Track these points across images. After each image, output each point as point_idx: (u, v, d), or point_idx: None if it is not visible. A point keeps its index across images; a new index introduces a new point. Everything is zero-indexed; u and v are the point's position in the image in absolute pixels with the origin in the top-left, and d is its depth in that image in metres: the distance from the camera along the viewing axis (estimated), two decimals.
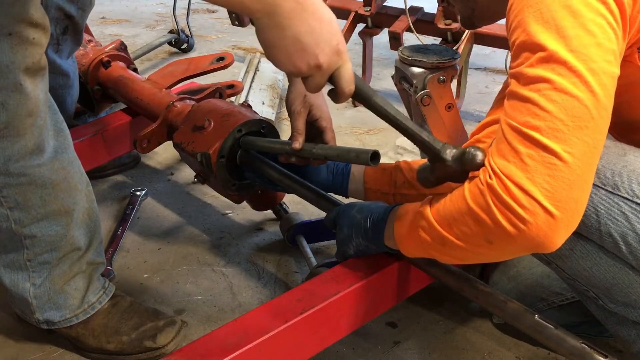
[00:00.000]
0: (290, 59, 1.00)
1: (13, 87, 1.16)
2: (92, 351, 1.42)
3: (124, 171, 2.15)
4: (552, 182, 0.93)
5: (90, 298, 1.41)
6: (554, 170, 0.93)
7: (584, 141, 0.93)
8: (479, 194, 0.98)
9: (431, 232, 1.08)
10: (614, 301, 1.17)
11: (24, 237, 1.30)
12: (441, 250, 1.09)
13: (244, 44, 3.29)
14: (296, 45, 0.99)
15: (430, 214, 1.08)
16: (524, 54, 0.97)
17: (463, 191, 1.02)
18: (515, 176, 0.94)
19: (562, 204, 0.94)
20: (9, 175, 1.22)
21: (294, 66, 1.01)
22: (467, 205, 1.00)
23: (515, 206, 0.94)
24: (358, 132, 2.43)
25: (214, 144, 1.49)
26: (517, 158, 0.95)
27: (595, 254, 1.13)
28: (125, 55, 2.03)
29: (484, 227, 0.99)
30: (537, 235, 0.95)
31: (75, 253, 1.36)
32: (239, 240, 1.82)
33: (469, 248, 1.05)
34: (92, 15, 3.50)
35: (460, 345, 1.46)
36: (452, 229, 1.04)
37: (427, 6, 2.50)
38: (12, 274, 1.34)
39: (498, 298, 1.17)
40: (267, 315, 1.18)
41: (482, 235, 1.00)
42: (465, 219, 1.01)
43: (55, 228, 1.31)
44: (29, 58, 1.16)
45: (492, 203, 0.96)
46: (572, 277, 1.19)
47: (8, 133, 1.18)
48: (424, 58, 1.52)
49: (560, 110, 0.93)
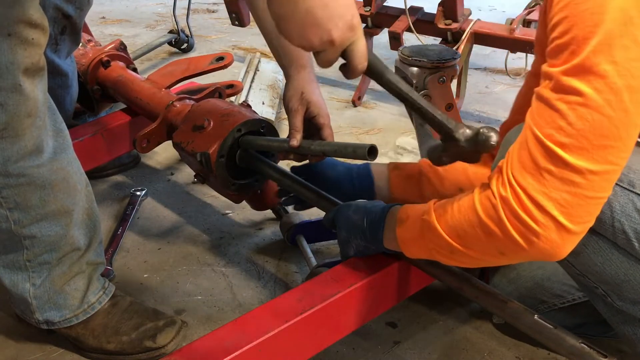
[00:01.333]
0: (303, 33, 0.96)
1: (12, 88, 1.15)
2: (92, 351, 1.42)
3: (124, 171, 2.15)
4: (569, 198, 0.92)
5: (90, 298, 1.41)
6: (573, 186, 0.92)
7: (608, 160, 0.91)
8: (491, 207, 0.98)
9: (439, 242, 1.08)
10: (623, 298, 1.16)
11: (23, 237, 1.29)
12: (449, 256, 1.09)
13: (244, 44, 3.29)
14: (309, 18, 0.94)
15: (437, 224, 1.08)
16: (562, 55, 0.92)
17: (473, 202, 1.01)
18: (531, 189, 0.93)
19: (577, 218, 0.93)
20: (8, 176, 1.22)
21: (306, 40, 0.97)
22: (478, 217, 1.00)
23: (529, 220, 0.94)
24: (358, 132, 2.43)
25: (214, 144, 1.49)
26: (536, 171, 0.94)
27: (607, 250, 1.12)
28: (125, 55, 2.03)
29: (496, 239, 0.98)
30: (550, 247, 0.95)
31: (75, 253, 1.36)
32: (239, 240, 1.82)
33: (478, 257, 1.05)
34: (92, 15, 3.52)
35: (460, 345, 1.46)
36: (462, 239, 1.04)
37: (427, 6, 2.50)
38: (11, 274, 1.34)
39: (498, 298, 1.17)
40: (267, 315, 1.18)
41: (493, 247, 1.00)
42: (476, 231, 1.01)
43: (55, 228, 1.31)
44: (29, 58, 1.16)
45: (505, 216, 0.96)
46: (583, 273, 1.18)
47: (7, 134, 1.18)
48: (424, 58, 1.52)
49: (589, 129, 0.90)
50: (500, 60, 2.73)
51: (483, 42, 2.43)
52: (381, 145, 2.32)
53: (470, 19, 2.39)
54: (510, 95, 2.74)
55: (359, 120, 2.52)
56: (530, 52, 2.36)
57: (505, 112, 2.55)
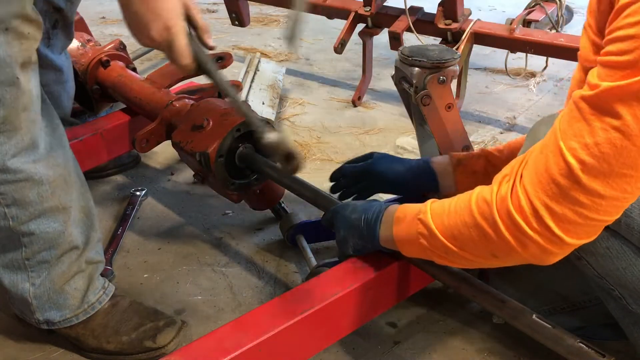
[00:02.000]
0: (135, 32, 1.17)
1: (10, 82, 1.16)
2: (92, 351, 1.42)
3: (124, 171, 2.14)
4: (571, 215, 0.91)
5: (90, 298, 1.41)
6: (578, 206, 0.90)
7: (622, 188, 0.89)
8: (486, 207, 0.97)
9: (434, 242, 1.08)
10: (639, 302, 1.16)
11: (22, 234, 1.29)
12: (444, 257, 1.09)
13: (244, 44, 3.29)
14: (136, 20, 1.15)
15: (432, 223, 1.07)
16: (615, 73, 0.86)
17: (469, 202, 1.01)
18: (533, 195, 0.92)
19: (574, 234, 0.92)
20: (6, 172, 1.22)
21: (138, 39, 1.18)
22: (473, 218, 0.99)
23: (523, 224, 0.93)
24: (358, 132, 2.42)
25: (213, 144, 1.49)
26: (546, 180, 0.92)
27: (631, 255, 1.11)
28: (125, 55, 2.03)
29: (489, 241, 0.98)
30: (540, 253, 0.94)
31: (74, 252, 1.36)
32: (239, 240, 1.82)
33: (472, 259, 1.05)
34: (92, 15, 3.52)
35: (460, 345, 1.46)
36: (457, 240, 1.04)
37: (427, 6, 2.49)
38: (11, 274, 1.34)
39: (497, 298, 1.17)
40: (267, 315, 1.18)
41: (486, 249, 1.00)
42: (470, 232, 1.00)
43: (53, 225, 1.31)
44: (25, 52, 1.18)
45: (499, 217, 0.95)
46: (601, 275, 1.16)
47: (5, 128, 1.19)
48: (424, 58, 1.51)
49: (614, 155, 0.87)
50: (500, 60, 2.73)
51: (483, 42, 2.42)
52: (381, 145, 2.32)
53: (470, 19, 2.39)
54: (510, 95, 2.74)
55: (359, 120, 2.52)
56: (530, 52, 2.36)
57: (505, 112, 2.57)
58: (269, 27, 3.54)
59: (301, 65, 3.06)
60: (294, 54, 3.13)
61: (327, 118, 2.53)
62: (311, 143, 2.33)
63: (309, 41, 3.31)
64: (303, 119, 2.52)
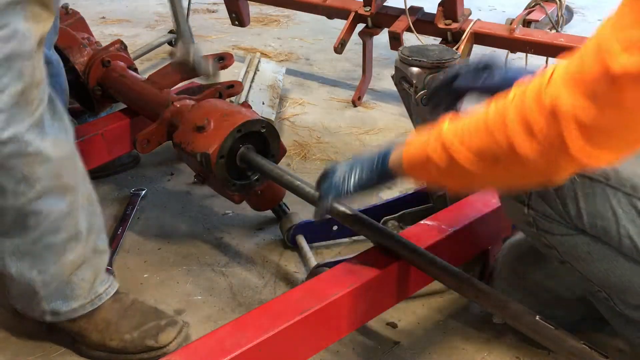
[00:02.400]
0: None
1: (29, 56, 1.19)
2: (95, 348, 1.42)
3: (124, 171, 2.15)
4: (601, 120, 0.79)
5: (98, 289, 1.40)
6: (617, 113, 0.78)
7: None
8: (502, 105, 0.89)
9: (437, 144, 1.00)
10: (625, 303, 1.16)
11: (29, 213, 1.28)
12: (445, 171, 1.01)
13: (244, 44, 3.29)
14: None
15: (445, 130, 1.00)
16: None
17: (487, 108, 0.93)
18: (563, 102, 0.80)
19: (597, 147, 0.81)
20: (19, 142, 1.22)
21: None
22: (485, 116, 0.92)
23: (537, 129, 0.82)
24: (358, 132, 2.43)
25: (214, 144, 1.49)
26: (582, 85, 0.79)
27: (612, 257, 1.11)
28: (125, 55, 2.03)
29: (498, 133, 0.89)
30: (547, 167, 0.86)
31: (79, 237, 1.35)
32: (239, 240, 1.82)
33: (473, 168, 0.95)
34: (92, 15, 3.52)
35: (460, 345, 1.46)
36: (463, 143, 0.95)
37: (427, 6, 2.49)
38: (17, 261, 1.33)
39: (498, 298, 1.17)
40: (267, 315, 1.18)
41: (491, 149, 0.91)
42: (479, 126, 0.92)
43: (60, 205, 1.31)
44: (42, 30, 1.22)
45: (513, 117, 0.86)
46: (585, 277, 1.17)
47: (22, 100, 1.20)
48: (424, 58, 1.51)
49: None
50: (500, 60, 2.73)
51: (483, 42, 2.43)
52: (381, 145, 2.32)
53: (470, 19, 2.39)
54: None
55: (359, 120, 2.52)
56: (530, 52, 2.36)
57: None
58: (269, 27, 3.55)
59: (301, 65, 3.06)
60: (292, 54, 3.13)
61: (327, 118, 2.54)
62: (311, 143, 2.33)
63: (309, 41, 3.32)
64: (303, 119, 2.52)
